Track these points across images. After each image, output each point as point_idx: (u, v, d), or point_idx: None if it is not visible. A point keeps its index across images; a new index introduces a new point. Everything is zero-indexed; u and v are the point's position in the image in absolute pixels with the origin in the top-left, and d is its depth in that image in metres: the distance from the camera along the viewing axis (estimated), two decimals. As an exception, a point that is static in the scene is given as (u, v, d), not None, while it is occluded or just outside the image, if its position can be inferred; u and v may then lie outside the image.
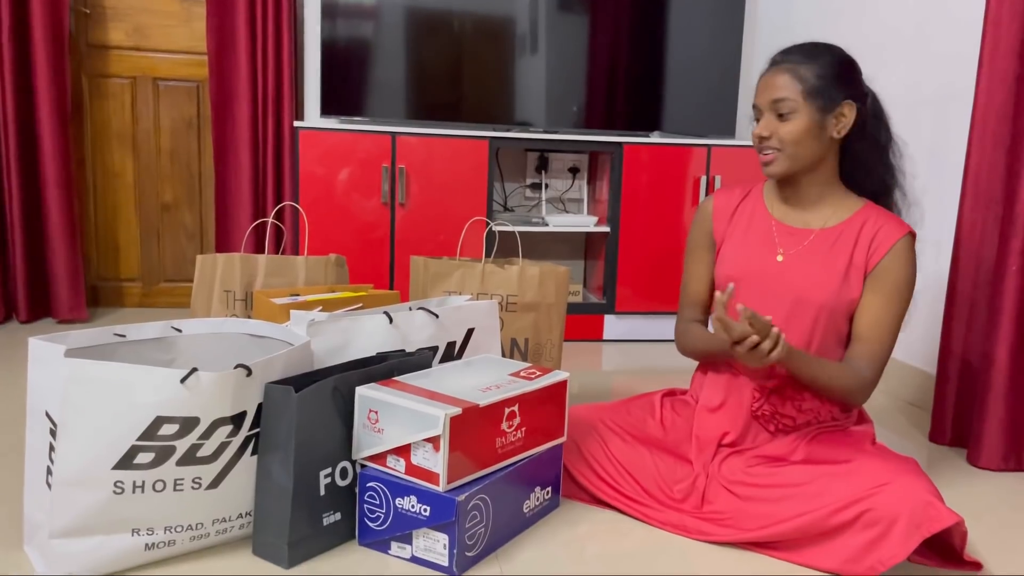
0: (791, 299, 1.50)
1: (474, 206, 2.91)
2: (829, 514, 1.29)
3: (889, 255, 1.47)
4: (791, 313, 1.51)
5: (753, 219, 1.60)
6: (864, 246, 1.49)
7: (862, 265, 1.48)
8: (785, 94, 1.46)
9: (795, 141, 1.46)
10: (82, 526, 1.18)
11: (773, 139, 1.48)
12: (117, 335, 1.38)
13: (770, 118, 1.48)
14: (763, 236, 1.57)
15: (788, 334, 1.50)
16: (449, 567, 1.27)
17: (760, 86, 1.51)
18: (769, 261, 1.54)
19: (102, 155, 3.19)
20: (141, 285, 3.30)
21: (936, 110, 2.33)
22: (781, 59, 1.50)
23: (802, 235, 1.54)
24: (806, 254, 1.52)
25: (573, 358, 2.78)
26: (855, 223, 1.51)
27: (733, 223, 1.62)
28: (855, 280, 1.48)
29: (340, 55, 2.95)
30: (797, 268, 1.51)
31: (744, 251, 1.57)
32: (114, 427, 1.16)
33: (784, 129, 1.47)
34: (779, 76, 1.47)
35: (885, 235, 1.48)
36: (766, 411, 1.51)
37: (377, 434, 1.31)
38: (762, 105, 1.49)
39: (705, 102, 3.21)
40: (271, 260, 1.95)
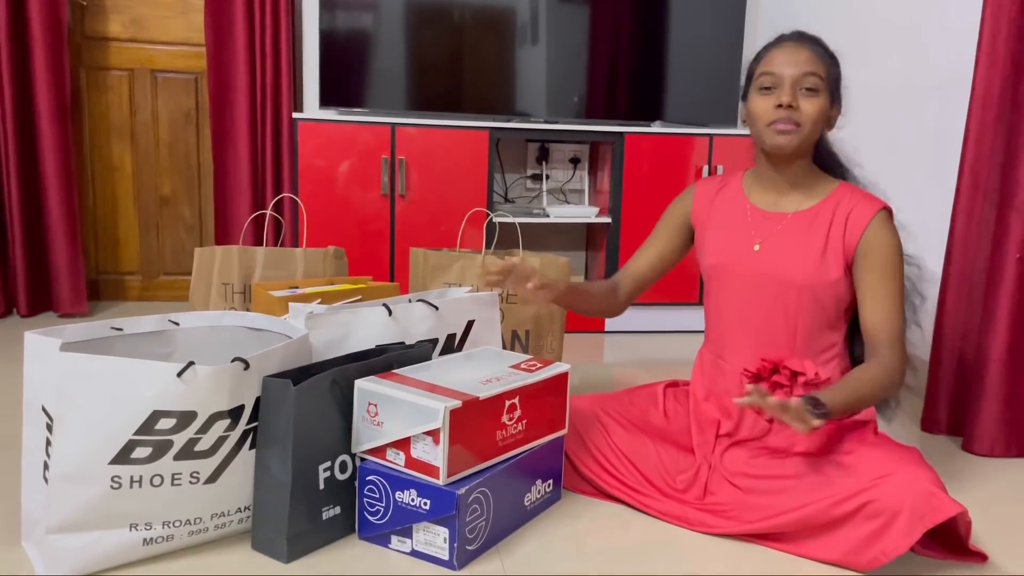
0: (772, 285, 1.49)
1: (474, 197, 2.90)
2: (831, 505, 1.28)
3: (868, 233, 1.44)
4: (774, 299, 1.49)
5: (731, 208, 1.58)
6: (839, 227, 1.46)
7: (839, 247, 1.46)
8: (816, 69, 1.43)
9: (813, 120, 1.43)
10: (79, 521, 1.17)
11: (796, 111, 1.43)
12: (114, 329, 1.37)
13: (792, 90, 1.43)
14: (740, 223, 1.55)
15: (774, 320, 1.50)
16: (449, 561, 1.26)
17: (781, 56, 1.44)
18: (747, 251, 1.52)
19: (100, 148, 3.17)
20: (141, 278, 3.29)
21: (934, 99, 2.31)
22: (800, 38, 1.47)
23: (776, 219, 1.52)
24: (782, 238, 1.50)
25: (574, 350, 2.77)
26: (829, 204, 1.49)
27: (713, 209, 1.60)
28: (833, 261, 1.46)
29: (339, 46, 2.93)
30: (774, 253, 1.50)
31: (722, 240, 1.56)
32: (110, 422, 1.15)
33: (809, 105, 1.43)
34: (805, 51, 1.44)
35: (859, 214, 1.45)
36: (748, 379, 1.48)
37: (376, 427, 1.30)
38: (786, 75, 1.43)
39: (707, 91, 3.19)
40: (269, 252, 1.94)
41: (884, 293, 1.44)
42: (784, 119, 1.43)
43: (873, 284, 1.44)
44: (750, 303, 1.52)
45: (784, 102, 1.42)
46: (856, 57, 2.64)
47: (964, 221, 1.93)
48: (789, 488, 1.35)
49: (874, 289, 1.44)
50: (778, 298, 1.49)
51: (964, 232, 1.94)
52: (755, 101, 1.47)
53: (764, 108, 1.45)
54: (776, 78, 1.44)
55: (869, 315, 1.45)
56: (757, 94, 1.47)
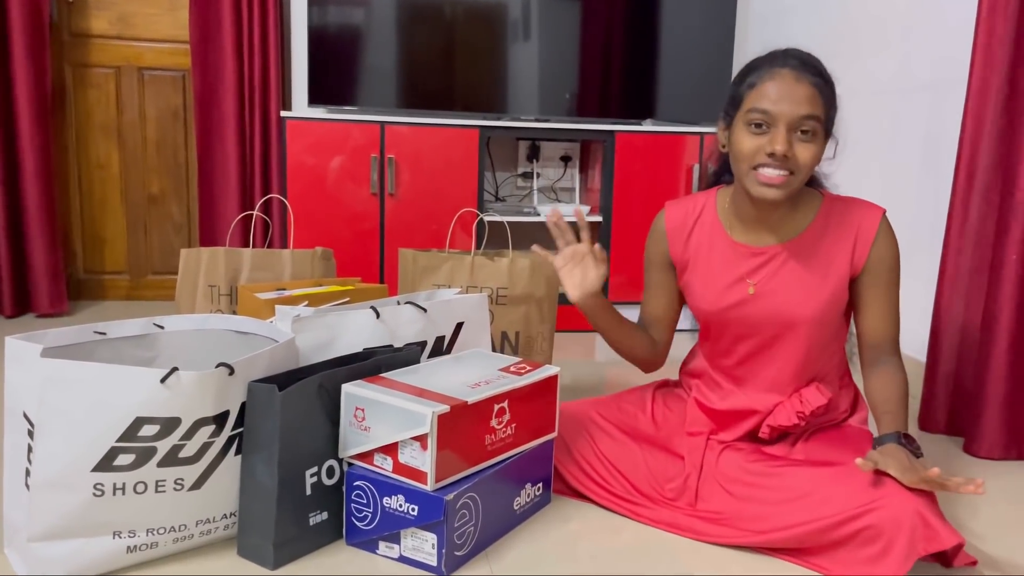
0: (775, 326, 1.43)
1: (465, 196, 2.88)
2: (828, 527, 1.25)
3: (875, 247, 1.38)
4: (779, 339, 1.44)
5: (713, 245, 1.47)
6: (846, 248, 1.39)
7: (847, 265, 1.39)
8: (815, 111, 1.28)
9: (809, 167, 1.30)
10: (62, 529, 1.15)
11: (790, 160, 1.28)
12: (97, 333, 1.35)
13: (788, 135, 1.27)
14: (727, 265, 1.45)
15: (779, 358, 1.46)
16: (438, 567, 1.25)
17: (774, 90, 1.28)
18: (741, 294, 1.43)
19: (86, 146, 3.14)
20: (128, 278, 3.27)
21: (931, 97, 2.30)
22: (799, 66, 1.30)
23: (768, 254, 1.42)
24: (777, 274, 1.41)
25: (566, 349, 2.76)
26: (824, 225, 1.40)
27: (691, 248, 1.49)
28: (837, 283, 1.40)
29: (328, 43, 2.91)
30: (771, 293, 1.42)
31: (712, 286, 1.46)
32: (93, 429, 1.14)
33: (806, 152, 1.28)
34: (807, 88, 1.28)
35: (866, 231, 1.38)
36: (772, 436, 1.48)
37: (364, 432, 1.28)
38: (782, 116, 1.27)
39: (698, 90, 3.18)
40: (256, 254, 1.92)
41: (889, 299, 1.42)
42: (775, 167, 1.29)
43: (878, 297, 1.41)
44: (758, 342, 1.46)
45: (778, 152, 1.26)
46: (849, 54, 2.64)
47: (960, 221, 1.92)
48: (785, 501, 1.32)
49: (879, 296, 1.41)
50: (785, 335, 1.44)
51: (960, 231, 1.93)
52: (742, 137, 1.31)
53: (752, 148, 1.30)
54: (770, 117, 1.28)
55: (874, 321, 1.43)
56: (745, 130, 1.31)
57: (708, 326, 1.52)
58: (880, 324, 1.43)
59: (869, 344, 1.45)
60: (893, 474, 1.22)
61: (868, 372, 1.44)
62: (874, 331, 1.44)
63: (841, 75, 1.51)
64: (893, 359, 1.42)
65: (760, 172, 1.30)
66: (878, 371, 1.42)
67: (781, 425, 1.45)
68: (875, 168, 2.51)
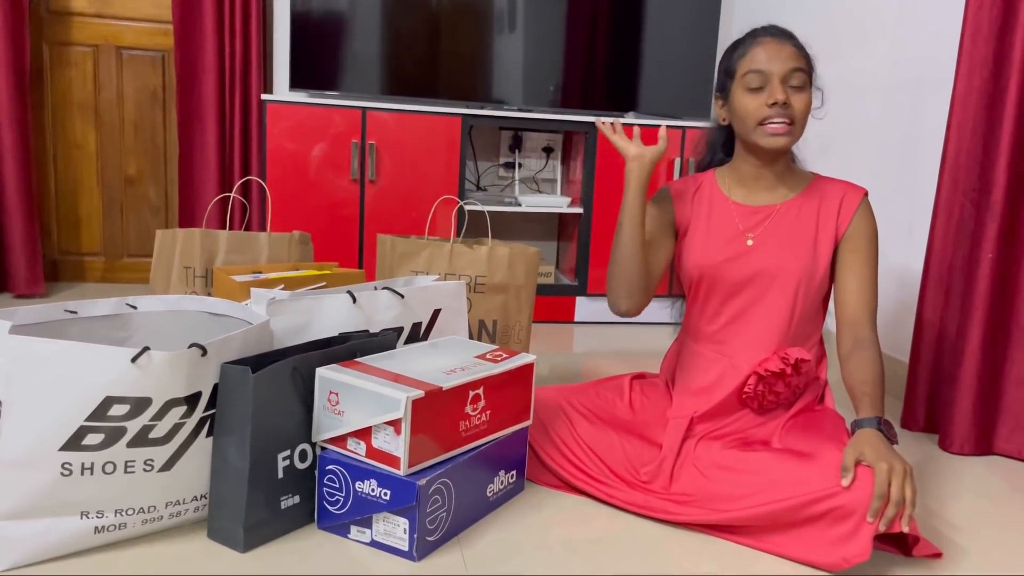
0: (769, 277, 1.51)
1: (446, 184, 2.87)
2: (802, 504, 1.27)
3: (857, 216, 1.50)
4: (769, 291, 1.51)
5: (712, 206, 1.58)
6: (831, 214, 1.51)
7: (832, 232, 1.51)
8: (802, 64, 1.44)
9: (805, 115, 1.45)
10: (28, 508, 1.14)
11: (789, 108, 1.43)
12: (68, 312, 1.33)
13: (783, 86, 1.42)
14: (726, 222, 1.56)
15: (770, 312, 1.52)
16: (409, 552, 1.25)
17: (764, 53, 1.44)
18: (739, 246, 1.53)
19: (63, 125, 3.10)
20: (104, 259, 3.23)
21: (915, 93, 2.32)
22: (779, 33, 1.47)
23: (765, 212, 1.54)
24: (773, 230, 1.52)
25: (544, 340, 2.76)
26: (813, 193, 1.53)
27: (694, 209, 1.60)
28: (823, 248, 1.51)
29: (311, 26, 2.88)
30: (767, 246, 1.52)
31: (711, 242, 1.55)
32: (61, 407, 1.12)
33: (800, 102, 1.44)
34: (788, 47, 1.44)
35: (849, 200, 1.51)
36: (759, 391, 1.50)
37: (337, 416, 1.28)
38: (774, 71, 1.42)
39: (681, 83, 3.18)
40: (233, 236, 1.90)
41: (867, 274, 1.50)
42: (777, 118, 1.43)
43: (856, 264, 1.50)
44: (749, 299, 1.53)
45: (779, 99, 1.41)
46: (831, 52, 2.65)
47: (944, 220, 1.94)
48: (758, 482, 1.33)
49: (857, 270, 1.50)
50: (776, 289, 1.51)
51: (944, 231, 1.95)
52: (743, 100, 1.46)
53: (755, 107, 1.44)
54: (764, 76, 1.43)
55: (851, 296, 1.50)
56: (745, 93, 1.46)
57: (699, 285, 1.58)
58: (857, 296, 1.49)
59: (847, 320, 1.49)
60: (873, 467, 1.23)
61: (845, 354, 1.48)
62: (851, 304, 1.49)
63: (824, 72, 1.57)
64: (870, 339, 1.47)
65: (767, 126, 1.45)
66: (855, 353, 1.45)
67: (768, 370, 1.48)
68: (857, 166, 2.52)
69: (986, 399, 1.86)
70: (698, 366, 1.58)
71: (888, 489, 1.21)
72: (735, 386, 1.51)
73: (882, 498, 1.20)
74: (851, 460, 1.25)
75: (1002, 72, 1.80)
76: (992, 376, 1.87)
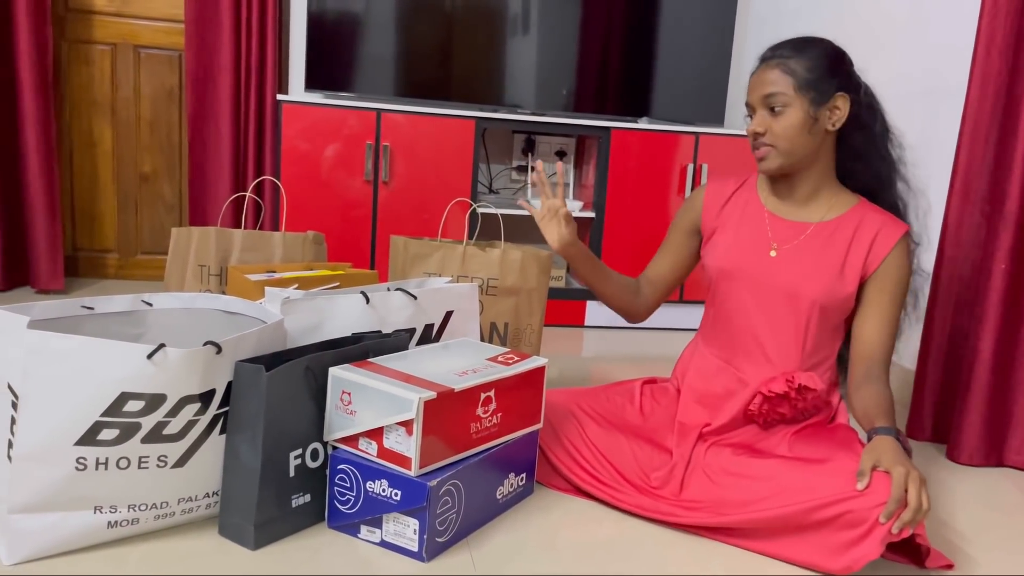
0: (784, 294, 1.50)
1: (459, 187, 2.88)
2: (811, 509, 1.27)
3: (891, 256, 1.48)
4: (784, 307, 1.50)
5: (746, 211, 1.58)
6: (863, 246, 1.49)
7: (859, 265, 1.49)
8: (777, 88, 1.45)
9: (788, 136, 1.46)
10: (42, 502, 1.15)
11: (767, 135, 1.47)
12: (85, 307, 1.34)
13: (763, 114, 1.47)
14: (756, 230, 1.55)
15: (782, 329, 1.51)
16: (419, 552, 1.25)
17: (751, 83, 1.49)
18: (762, 256, 1.53)
19: (80, 123, 3.12)
20: (118, 256, 3.25)
21: (928, 103, 2.32)
22: (771, 55, 1.49)
23: (797, 229, 1.53)
24: (801, 248, 1.51)
25: (554, 344, 2.77)
26: (851, 220, 1.51)
27: (724, 214, 1.60)
28: (850, 277, 1.49)
29: (327, 28, 2.90)
30: (791, 263, 1.51)
31: (737, 245, 1.56)
32: (77, 402, 1.13)
33: (778, 124, 1.46)
34: (770, 72, 1.46)
35: (885, 236, 1.48)
36: (764, 410, 1.50)
37: (349, 416, 1.28)
38: (754, 102, 1.48)
39: (695, 89, 3.18)
40: (247, 235, 1.91)
41: (890, 316, 1.49)
42: (758, 144, 1.49)
43: (882, 305, 1.48)
44: (762, 310, 1.53)
45: (749, 131, 1.50)
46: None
47: (955, 230, 1.94)
48: (768, 488, 1.34)
49: (881, 310, 1.48)
50: (791, 308, 1.50)
51: (955, 240, 1.94)
52: None
53: (748, 135, 1.52)
54: (749, 107, 1.51)
55: (870, 333, 1.49)
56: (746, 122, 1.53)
57: (718, 286, 1.59)
58: (876, 336, 1.48)
59: (862, 356, 1.49)
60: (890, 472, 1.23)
61: (855, 387, 1.47)
62: (869, 342, 1.48)
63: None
64: (881, 377, 1.46)
65: (755, 153, 1.51)
66: (866, 386, 1.45)
67: (773, 391, 1.47)
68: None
69: (996, 410, 1.86)
70: (706, 371, 1.59)
71: (905, 493, 1.20)
72: (741, 404, 1.51)
73: (899, 501, 1.20)
74: (868, 465, 1.25)
75: (1017, 82, 1.79)
76: (1003, 387, 1.86)
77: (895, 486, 1.20)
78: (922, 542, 1.25)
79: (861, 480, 1.24)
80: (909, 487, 1.20)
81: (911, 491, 1.20)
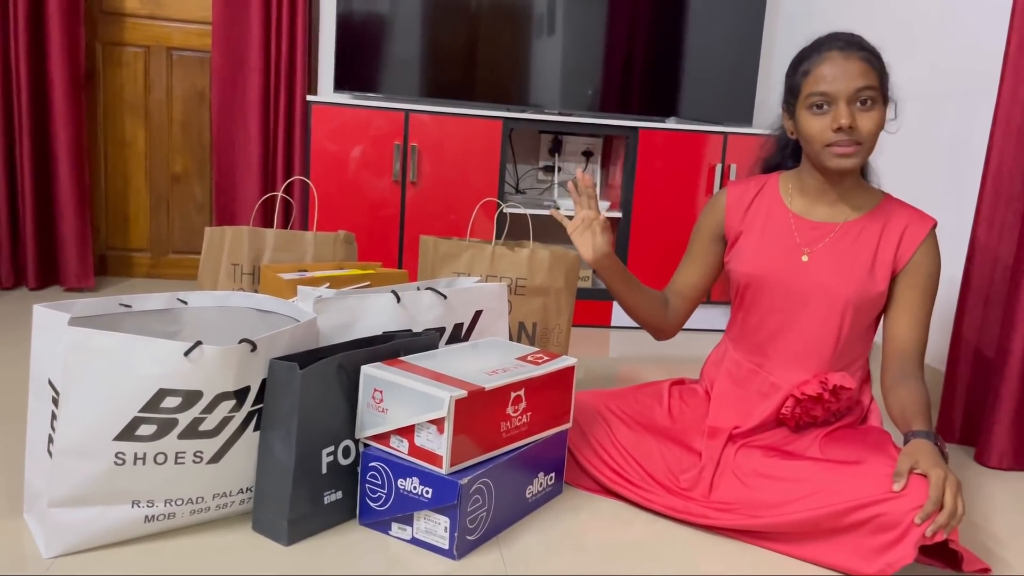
0: (816, 297, 1.48)
1: (486, 187, 2.89)
2: (843, 512, 1.26)
3: (920, 250, 1.46)
4: (817, 310, 1.48)
5: (770, 214, 1.55)
6: (892, 241, 1.46)
7: (890, 261, 1.46)
8: (869, 82, 1.36)
9: (874, 134, 1.38)
10: (82, 496, 1.17)
11: (855, 131, 1.37)
12: (122, 305, 1.37)
13: (849, 108, 1.36)
14: (783, 233, 1.52)
15: (814, 332, 1.49)
16: (449, 550, 1.26)
17: (828, 71, 1.37)
18: (793, 261, 1.50)
19: (113, 124, 3.17)
20: (150, 256, 3.29)
21: (959, 102, 2.29)
22: (846, 46, 1.39)
23: (824, 230, 1.50)
24: (830, 249, 1.48)
25: (580, 344, 2.76)
26: (878, 216, 1.48)
27: (748, 218, 1.57)
28: (880, 275, 1.47)
29: (355, 29, 2.92)
30: (822, 265, 1.48)
31: (765, 250, 1.53)
32: (116, 398, 1.15)
33: (868, 121, 1.37)
34: (857, 63, 1.37)
35: (914, 231, 1.46)
36: (797, 413, 1.49)
37: (381, 414, 1.30)
38: (839, 93, 1.36)
39: (723, 89, 3.16)
40: (279, 235, 1.93)
41: (922, 312, 1.47)
42: (843, 141, 1.38)
43: (913, 301, 1.46)
44: (794, 314, 1.50)
45: (844, 125, 1.35)
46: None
47: (985, 230, 1.91)
48: (800, 490, 1.33)
49: (913, 306, 1.47)
50: (824, 311, 1.48)
51: (985, 241, 1.92)
52: (808, 121, 1.41)
53: (820, 129, 1.39)
54: (829, 97, 1.37)
55: (903, 330, 1.47)
56: (809, 114, 1.41)
57: (745, 293, 1.56)
58: (909, 332, 1.46)
59: (895, 352, 1.47)
60: (928, 475, 1.22)
61: (890, 385, 1.46)
62: (902, 338, 1.47)
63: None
64: (916, 374, 1.45)
65: (834, 148, 1.39)
66: (902, 383, 1.44)
67: (806, 394, 1.46)
68: (900, 176, 2.49)
69: (1025, 414, 1.83)
70: (737, 376, 1.58)
71: (941, 496, 1.19)
72: (773, 407, 1.50)
73: (936, 503, 1.19)
74: (905, 467, 1.24)
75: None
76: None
77: (933, 487, 1.19)
78: (956, 547, 1.24)
79: (898, 481, 1.23)
80: (946, 491, 1.19)
81: (947, 495, 1.19)
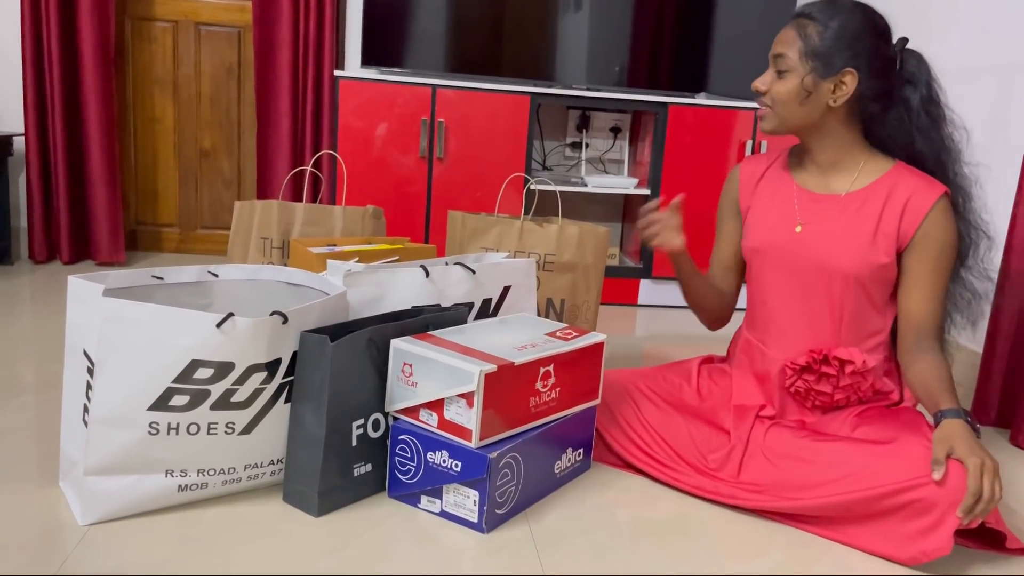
0: (813, 269, 1.45)
1: (513, 163, 2.87)
2: (877, 497, 1.24)
3: (928, 221, 1.39)
4: (816, 283, 1.46)
5: (778, 187, 1.54)
6: (895, 212, 1.41)
7: (893, 232, 1.41)
8: (784, 51, 1.42)
9: (782, 102, 1.43)
10: (117, 464, 1.19)
11: (767, 95, 1.45)
12: (155, 277, 1.38)
13: (771, 72, 1.45)
14: (784, 205, 1.51)
15: (816, 306, 1.47)
16: (478, 523, 1.26)
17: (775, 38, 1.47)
18: (788, 232, 1.49)
19: (143, 99, 3.19)
20: (178, 231, 3.32)
21: (996, 79, 2.23)
22: (798, 12, 1.44)
23: (825, 201, 1.47)
24: (828, 221, 1.45)
25: (606, 322, 2.75)
26: (882, 186, 1.43)
27: (758, 192, 1.57)
28: (883, 246, 1.41)
29: (383, 4, 2.90)
30: (817, 237, 1.45)
31: (765, 223, 1.53)
32: (150, 368, 1.16)
33: (777, 87, 1.43)
34: (787, 31, 1.43)
35: (919, 201, 1.39)
36: (800, 387, 1.47)
37: (411, 387, 1.30)
38: (769, 58, 1.46)
39: (753, 63, 3.09)
40: (309, 209, 1.93)
41: (934, 285, 1.41)
42: (760, 102, 1.47)
43: (923, 274, 1.41)
44: (792, 288, 1.49)
45: (753, 86, 1.47)
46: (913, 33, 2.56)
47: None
48: (832, 473, 1.31)
49: (923, 279, 1.41)
50: (822, 283, 1.45)
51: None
52: None
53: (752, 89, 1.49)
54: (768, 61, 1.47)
55: (917, 305, 1.42)
56: None
57: (750, 268, 1.58)
58: (921, 306, 1.41)
59: (910, 328, 1.43)
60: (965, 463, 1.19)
61: (909, 361, 1.43)
62: (915, 313, 1.42)
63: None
64: (935, 346, 1.41)
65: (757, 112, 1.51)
66: (920, 359, 1.40)
67: (796, 364, 1.46)
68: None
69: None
70: (751, 354, 1.57)
71: (981, 486, 1.17)
72: (780, 383, 1.49)
73: (976, 495, 1.16)
74: (942, 454, 1.21)
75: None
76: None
77: (972, 478, 1.17)
78: (994, 527, 1.22)
79: (937, 470, 1.20)
80: (984, 477, 1.17)
81: (985, 482, 1.17)
